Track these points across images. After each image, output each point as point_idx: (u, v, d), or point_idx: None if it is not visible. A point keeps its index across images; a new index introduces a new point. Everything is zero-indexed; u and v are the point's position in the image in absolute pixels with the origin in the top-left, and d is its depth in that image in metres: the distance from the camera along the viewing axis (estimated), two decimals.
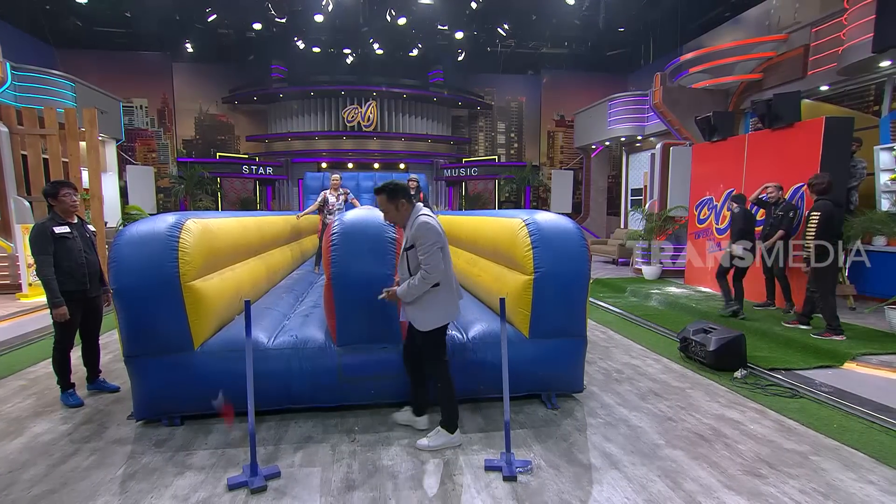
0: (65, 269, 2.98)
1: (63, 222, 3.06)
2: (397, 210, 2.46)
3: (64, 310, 2.94)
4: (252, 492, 2.13)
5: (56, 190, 3.04)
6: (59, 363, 3.10)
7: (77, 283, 3.03)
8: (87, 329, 3.25)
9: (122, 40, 13.61)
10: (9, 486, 2.19)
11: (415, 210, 2.46)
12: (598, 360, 4.05)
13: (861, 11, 6.12)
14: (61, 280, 2.95)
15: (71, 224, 3.09)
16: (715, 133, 6.70)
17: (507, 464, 2.29)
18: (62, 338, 3.07)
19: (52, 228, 2.98)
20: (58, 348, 3.09)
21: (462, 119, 16.80)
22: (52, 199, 3.05)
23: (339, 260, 2.74)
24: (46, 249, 2.92)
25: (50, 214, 3.07)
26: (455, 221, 4.95)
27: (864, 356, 3.85)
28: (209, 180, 13.82)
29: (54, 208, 3.06)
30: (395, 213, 2.47)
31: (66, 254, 2.99)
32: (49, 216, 3.05)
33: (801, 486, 2.19)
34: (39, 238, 2.92)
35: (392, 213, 2.47)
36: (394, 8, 12.29)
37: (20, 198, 7.36)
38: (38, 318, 5.52)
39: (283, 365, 2.78)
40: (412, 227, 2.39)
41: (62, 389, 3.13)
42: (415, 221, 2.39)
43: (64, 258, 2.98)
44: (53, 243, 2.95)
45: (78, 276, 3.03)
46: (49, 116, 7.60)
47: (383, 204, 2.46)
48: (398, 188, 2.45)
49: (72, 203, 3.11)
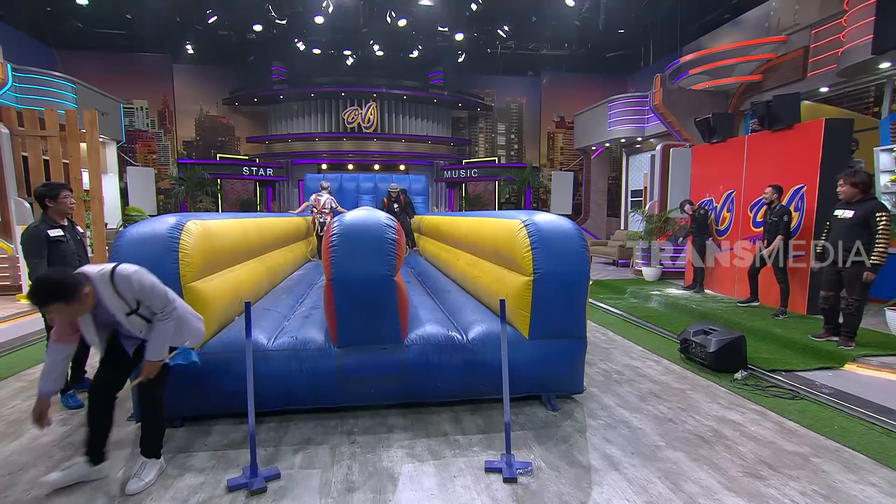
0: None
1: (57, 225, 2.98)
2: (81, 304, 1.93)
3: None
4: (252, 493, 2.12)
5: (56, 192, 2.97)
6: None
7: None
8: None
9: (122, 42, 13.65)
10: (8, 487, 2.19)
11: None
12: (598, 361, 4.05)
13: (860, 13, 6.14)
14: None
15: (63, 227, 3.02)
16: (715, 134, 6.71)
17: (507, 465, 2.29)
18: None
19: (47, 232, 2.91)
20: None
21: (462, 120, 16.82)
22: (51, 200, 2.97)
23: (339, 261, 2.74)
24: (41, 253, 2.86)
25: (43, 217, 2.98)
26: (455, 222, 4.95)
27: (864, 358, 3.85)
28: (209, 182, 13.83)
29: (48, 211, 2.97)
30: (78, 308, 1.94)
31: (61, 257, 2.92)
32: (41, 219, 2.97)
33: (801, 488, 2.18)
34: (33, 241, 2.85)
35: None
36: (394, 9, 12.32)
37: (21, 199, 7.36)
38: (38, 319, 5.51)
39: (282, 366, 2.77)
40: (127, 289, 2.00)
41: (61, 391, 3.09)
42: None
43: (57, 262, 2.90)
44: (48, 246, 2.88)
45: None
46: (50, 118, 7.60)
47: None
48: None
49: (70, 205, 3.06)
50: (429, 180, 14.96)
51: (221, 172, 14.20)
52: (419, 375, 2.87)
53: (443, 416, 2.90)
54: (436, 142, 15.99)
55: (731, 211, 6.37)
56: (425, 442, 2.61)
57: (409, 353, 2.87)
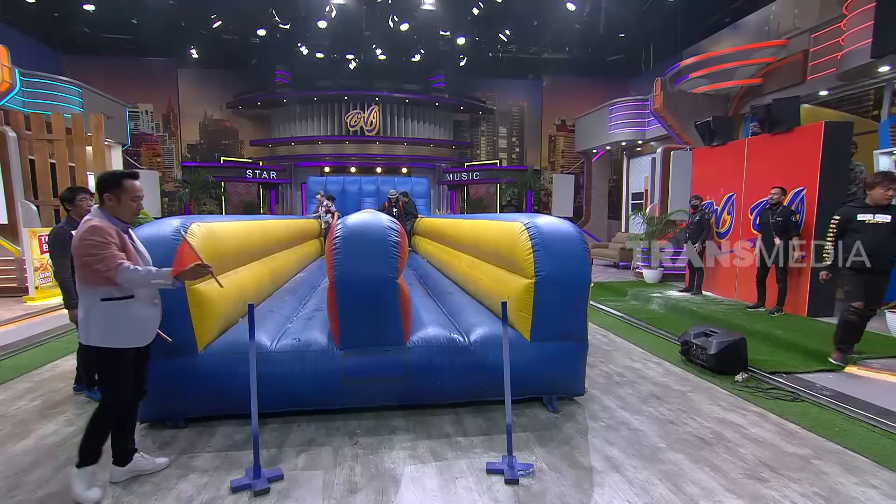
0: None
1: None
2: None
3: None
4: (255, 494, 2.15)
5: (73, 195, 3.19)
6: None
7: None
8: None
9: (128, 46, 13.77)
10: (14, 487, 2.22)
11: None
12: (599, 363, 4.06)
13: (860, 17, 6.16)
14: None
15: None
16: (715, 137, 6.73)
17: (508, 467, 2.30)
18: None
19: (71, 233, 3.07)
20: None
21: (464, 123, 16.89)
22: (69, 203, 3.17)
23: (342, 263, 2.77)
24: (66, 253, 3.00)
25: (67, 218, 3.19)
26: (456, 225, 4.98)
27: (865, 360, 3.84)
28: (213, 184, 13.92)
29: (71, 213, 3.19)
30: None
31: None
32: (66, 220, 3.18)
33: (802, 490, 2.19)
34: (59, 241, 3.04)
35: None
36: (396, 14, 12.41)
37: (27, 202, 7.44)
38: (45, 320, 5.56)
39: (285, 368, 2.80)
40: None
41: (88, 386, 3.26)
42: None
43: None
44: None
45: None
46: (56, 122, 7.69)
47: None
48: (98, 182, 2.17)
49: (88, 207, 3.23)
50: (431, 183, 15.04)
51: (225, 175, 14.29)
52: (421, 377, 2.89)
53: (445, 418, 2.92)
54: (438, 145, 16.06)
55: (731, 213, 6.39)
56: (427, 443, 2.63)
57: (412, 355, 2.89)
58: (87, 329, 2.06)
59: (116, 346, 2.07)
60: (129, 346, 2.11)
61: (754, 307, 5.60)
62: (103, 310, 2.05)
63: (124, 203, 2.13)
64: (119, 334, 2.07)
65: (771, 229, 5.21)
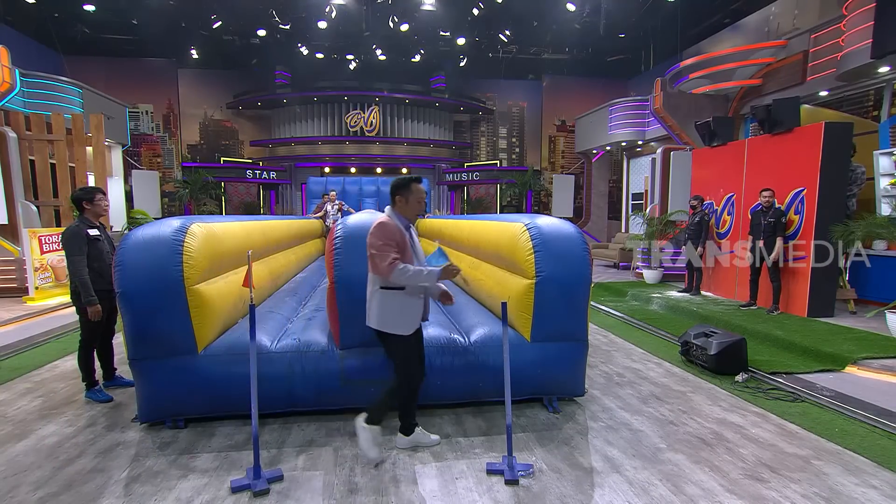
0: (96, 269, 3.11)
1: (93, 225, 3.23)
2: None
3: (99, 308, 3.06)
4: (255, 495, 2.14)
5: (92, 195, 3.23)
6: (84, 361, 3.21)
7: (106, 283, 3.11)
8: (108, 329, 3.37)
9: (128, 47, 13.79)
10: (14, 488, 2.21)
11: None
12: (599, 363, 4.06)
13: (860, 18, 6.16)
14: (92, 280, 3.07)
15: (98, 227, 3.27)
16: (715, 138, 6.73)
17: (508, 467, 2.30)
18: (90, 336, 3.20)
19: (87, 231, 3.14)
20: (85, 346, 3.21)
21: (464, 124, 16.89)
22: (88, 203, 3.20)
23: (342, 263, 2.77)
24: (82, 250, 3.07)
25: (80, 218, 3.22)
26: (457, 225, 4.98)
27: (865, 360, 3.84)
28: (213, 185, 13.92)
29: (86, 212, 3.21)
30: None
31: (98, 255, 3.15)
32: (79, 219, 3.21)
33: (802, 491, 2.19)
34: (75, 239, 3.06)
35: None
36: (396, 14, 12.42)
37: (28, 202, 7.44)
38: (45, 321, 5.56)
39: (286, 368, 2.80)
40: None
41: (88, 387, 3.24)
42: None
43: (95, 259, 3.13)
44: (87, 245, 3.10)
45: (107, 276, 3.12)
46: (56, 122, 7.69)
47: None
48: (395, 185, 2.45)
49: (105, 208, 3.30)
50: (431, 183, 15.04)
51: (225, 176, 14.28)
52: None
53: (445, 418, 2.92)
54: (438, 145, 16.06)
55: (731, 214, 6.39)
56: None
57: None
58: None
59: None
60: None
61: (747, 305, 5.67)
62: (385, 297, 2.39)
63: (411, 204, 2.43)
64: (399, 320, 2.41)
65: (761, 231, 5.28)
